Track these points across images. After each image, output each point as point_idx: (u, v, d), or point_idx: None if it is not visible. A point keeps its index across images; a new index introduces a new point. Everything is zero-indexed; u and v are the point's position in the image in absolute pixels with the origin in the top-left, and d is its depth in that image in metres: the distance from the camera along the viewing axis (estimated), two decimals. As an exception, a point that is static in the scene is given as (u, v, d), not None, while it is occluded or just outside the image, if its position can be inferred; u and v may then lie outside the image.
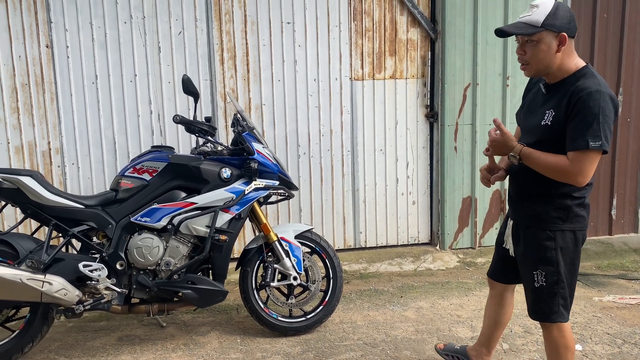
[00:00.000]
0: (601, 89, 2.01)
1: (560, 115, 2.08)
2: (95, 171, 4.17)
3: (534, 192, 2.21)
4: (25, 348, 2.92)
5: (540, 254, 2.20)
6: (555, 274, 2.18)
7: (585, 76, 2.07)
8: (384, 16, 4.46)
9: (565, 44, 2.07)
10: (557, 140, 2.09)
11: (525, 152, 2.12)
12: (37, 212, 2.92)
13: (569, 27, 2.07)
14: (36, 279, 2.75)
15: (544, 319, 2.25)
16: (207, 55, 4.23)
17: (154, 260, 2.95)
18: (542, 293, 2.22)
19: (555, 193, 2.16)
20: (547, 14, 2.04)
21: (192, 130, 3.13)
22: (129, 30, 4.10)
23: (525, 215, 2.26)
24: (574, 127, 2.02)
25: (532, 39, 2.08)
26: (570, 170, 2.04)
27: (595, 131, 1.98)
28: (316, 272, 3.29)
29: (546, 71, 2.13)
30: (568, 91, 2.07)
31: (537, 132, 2.16)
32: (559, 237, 2.17)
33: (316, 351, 3.07)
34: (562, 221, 2.17)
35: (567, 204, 2.15)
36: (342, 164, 4.57)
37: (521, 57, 2.16)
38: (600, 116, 1.98)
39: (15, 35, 3.95)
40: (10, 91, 4.00)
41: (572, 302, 2.25)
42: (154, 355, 3.05)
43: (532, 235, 2.22)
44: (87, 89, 4.09)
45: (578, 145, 2.01)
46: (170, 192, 3.02)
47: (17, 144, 4.06)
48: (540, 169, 2.11)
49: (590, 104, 1.98)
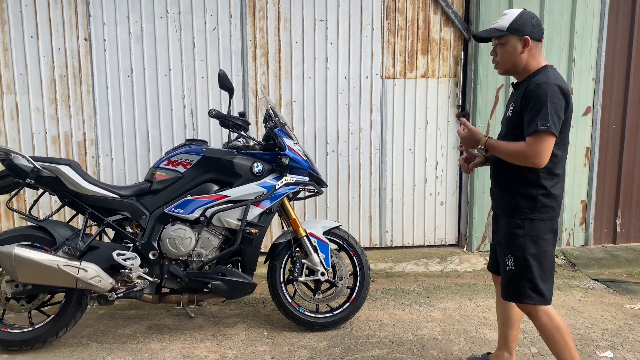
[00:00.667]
0: (549, 80, 2.26)
1: (517, 107, 2.36)
2: (128, 163, 4.26)
3: (504, 183, 2.46)
4: (60, 332, 3.00)
5: (509, 241, 2.42)
6: (522, 259, 2.39)
7: (540, 72, 2.34)
8: (417, 15, 4.45)
9: (529, 45, 2.35)
10: (517, 129, 2.36)
11: (490, 143, 2.40)
12: (74, 201, 3.00)
13: (532, 31, 2.35)
14: (72, 266, 2.82)
15: (513, 299, 2.45)
16: (240, 52, 4.28)
17: (186, 251, 3.00)
18: (512, 276, 2.43)
19: (522, 182, 2.38)
20: (512, 20, 2.35)
21: (226, 125, 3.17)
22: (164, 25, 4.17)
23: (500, 206, 2.51)
24: (527, 115, 2.29)
25: (500, 41, 2.40)
26: (527, 152, 2.27)
27: (544, 115, 2.23)
28: (343, 269, 3.30)
29: (514, 70, 2.42)
30: (524, 87, 2.35)
31: (504, 125, 2.50)
32: (528, 226, 2.38)
33: (342, 347, 3.08)
34: (530, 211, 2.38)
35: (533, 194, 2.36)
36: (370, 162, 4.57)
37: (493, 58, 2.47)
38: (548, 103, 2.23)
39: (56, 28, 4.05)
40: (49, 82, 4.11)
41: (548, 286, 2.41)
42: (182, 345, 3.10)
43: (505, 224, 2.46)
44: (122, 82, 4.18)
45: (530, 129, 2.26)
46: (203, 184, 3.07)
47: (54, 134, 4.16)
48: (504, 156, 2.37)
49: (539, 94, 2.24)
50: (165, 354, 2.99)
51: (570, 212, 4.78)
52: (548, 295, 2.41)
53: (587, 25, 4.55)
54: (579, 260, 4.55)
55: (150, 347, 3.08)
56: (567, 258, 4.60)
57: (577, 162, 4.71)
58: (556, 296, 3.85)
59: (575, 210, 4.79)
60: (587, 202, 4.79)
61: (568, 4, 4.49)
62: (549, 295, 2.41)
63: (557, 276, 4.27)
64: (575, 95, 4.60)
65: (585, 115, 4.66)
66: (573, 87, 4.58)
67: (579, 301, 3.77)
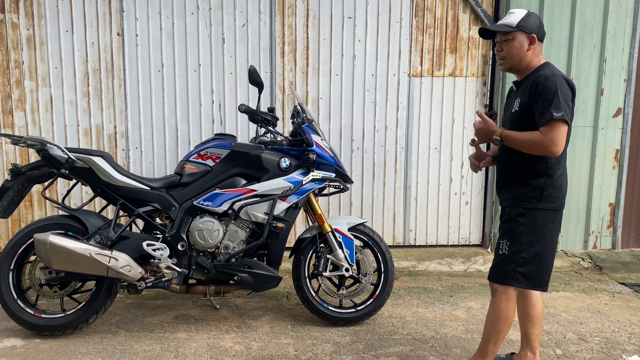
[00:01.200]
0: (555, 72, 2.37)
1: (525, 101, 2.42)
2: (157, 156, 4.34)
3: (514, 176, 2.51)
4: (90, 319, 3.08)
5: (508, 226, 2.50)
6: (517, 244, 2.46)
7: (543, 67, 2.44)
8: (446, 13, 4.43)
9: (535, 44, 2.44)
10: (526, 121, 2.41)
11: (505, 134, 2.44)
12: (105, 192, 3.08)
13: (539, 30, 2.46)
14: (103, 254, 2.90)
15: (498, 280, 2.52)
16: (269, 48, 4.32)
17: (213, 242, 3.06)
18: (504, 259, 2.51)
19: (529, 173, 2.45)
20: (520, 18, 2.44)
21: (254, 120, 3.21)
22: (195, 21, 4.23)
23: (507, 198, 2.55)
24: (539, 106, 2.35)
25: (508, 37, 2.46)
26: (543, 141, 2.32)
27: (556, 104, 2.30)
28: (368, 265, 3.32)
29: (518, 66, 2.50)
30: (530, 82, 2.43)
31: (510, 120, 2.51)
32: (530, 215, 2.45)
33: (365, 342, 3.10)
34: (536, 200, 2.45)
35: (541, 184, 2.44)
36: (395, 160, 4.58)
37: (499, 53, 2.52)
38: (559, 92, 2.31)
39: (90, 23, 4.15)
40: (83, 76, 4.21)
41: (545, 275, 2.51)
42: (208, 335, 3.15)
43: (509, 212, 2.52)
44: (153, 76, 4.26)
45: (545, 118, 2.32)
46: (232, 178, 3.12)
47: (86, 127, 4.26)
48: (519, 146, 2.41)
49: (549, 85, 2.33)
50: (192, 344, 3.05)
51: (598, 214, 4.71)
52: (538, 281, 2.50)
53: (619, 26, 4.47)
54: (605, 264, 4.49)
55: (177, 336, 3.14)
56: (594, 261, 4.54)
57: (606, 164, 4.64)
58: (582, 299, 3.81)
59: (603, 213, 4.72)
60: (616, 205, 4.72)
61: (600, 4, 4.43)
62: (538, 282, 2.50)
63: (583, 279, 4.22)
64: (605, 96, 4.54)
65: (616, 116, 4.59)
66: (604, 88, 4.52)
67: (605, 305, 3.72)
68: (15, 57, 4.13)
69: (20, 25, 4.10)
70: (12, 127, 4.19)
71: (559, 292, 3.93)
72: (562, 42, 4.43)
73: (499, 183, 2.63)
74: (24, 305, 3.04)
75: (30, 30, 4.11)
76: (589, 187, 4.67)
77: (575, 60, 4.45)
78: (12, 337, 3.08)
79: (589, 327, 3.37)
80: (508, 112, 2.57)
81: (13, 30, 4.10)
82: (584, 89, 4.51)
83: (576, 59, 4.46)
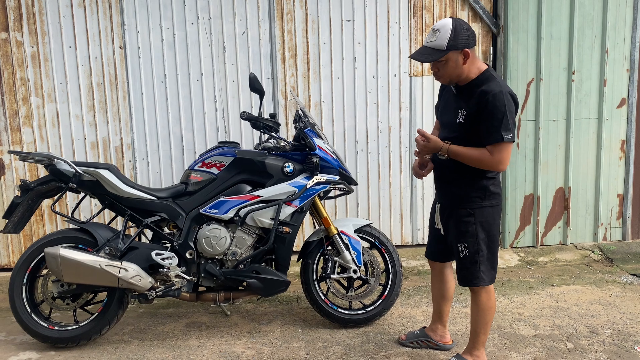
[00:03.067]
0: (503, 89, 2.40)
1: (470, 114, 2.46)
2: (163, 166, 4.39)
3: (453, 176, 2.59)
4: (103, 330, 3.12)
5: (462, 229, 2.60)
6: (475, 244, 2.58)
7: (488, 79, 2.45)
8: (445, 12, 4.44)
9: (470, 55, 2.44)
10: (471, 134, 2.48)
11: (452, 150, 2.50)
12: (113, 203, 3.12)
13: (469, 41, 2.43)
14: (113, 265, 2.94)
15: (468, 284, 2.64)
16: (269, 54, 4.35)
17: (221, 250, 3.09)
18: (466, 262, 2.62)
19: (472, 175, 2.53)
20: (448, 37, 2.40)
21: (257, 127, 3.24)
22: (195, 31, 4.28)
23: (449, 197, 2.66)
24: (488, 124, 2.40)
25: (441, 60, 2.44)
26: (492, 160, 2.43)
27: (506, 125, 2.38)
28: (375, 266, 3.33)
29: (458, 79, 2.51)
30: (475, 93, 2.44)
31: (454, 129, 2.54)
32: (478, 213, 2.56)
33: (376, 343, 3.12)
34: (481, 199, 2.56)
35: (484, 184, 2.54)
36: (400, 160, 4.59)
37: (435, 73, 2.53)
38: (507, 113, 2.37)
39: (92, 37, 4.21)
40: (87, 90, 4.27)
41: (495, 268, 2.65)
42: (219, 342, 3.18)
43: (456, 214, 2.62)
44: (156, 87, 4.31)
45: (494, 139, 2.40)
46: (237, 185, 3.15)
47: (92, 140, 4.32)
48: (465, 161, 2.49)
49: (497, 104, 2.37)
50: (204, 351, 3.08)
51: (607, 206, 4.69)
52: (494, 275, 2.65)
53: (620, 15, 4.46)
54: (616, 255, 4.47)
55: (189, 344, 3.17)
56: (604, 253, 4.52)
57: (612, 155, 4.62)
58: (592, 291, 3.80)
59: (612, 204, 4.70)
60: (624, 196, 4.70)
61: (599, -5, 4.42)
62: (494, 275, 2.66)
63: (593, 271, 4.20)
64: (609, 86, 4.52)
65: (620, 107, 4.57)
66: (607, 79, 4.50)
67: (616, 296, 3.71)
68: (21, 75, 4.19)
69: (25, 43, 4.16)
70: (21, 143, 4.25)
71: (570, 286, 3.92)
72: (562, 34, 4.43)
73: (439, 183, 2.73)
74: (38, 318, 3.10)
75: (34, 48, 4.18)
76: (596, 179, 4.64)
77: (576, 53, 4.44)
78: (28, 350, 3.13)
79: (601, 319, 3.35)
80: (450, 118, 2.57)
81: (17, 48, 4.16)
82: (586, 81, 4.50)
83: (577, 51, 4.45)
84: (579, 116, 4.55)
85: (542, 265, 4.38)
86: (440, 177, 2.73)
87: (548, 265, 4.36)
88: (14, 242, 4.36)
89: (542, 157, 4.55)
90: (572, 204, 4.65)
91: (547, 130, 4.53)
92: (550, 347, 3.02)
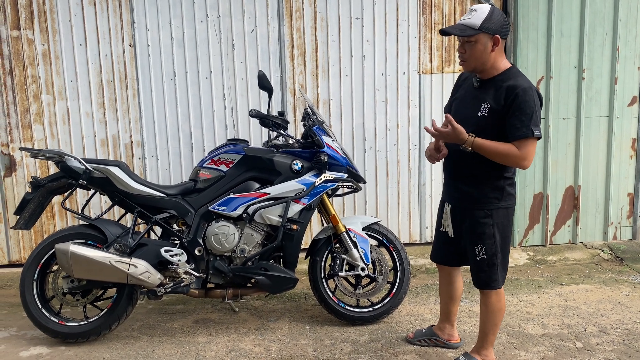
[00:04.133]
0: (532, 86, 2.38)
1: (496, 108, 2.40)
2: (172, 163, 4.41)
3: (469, 175, 2.53)
4: (113, 325, 3.15)
5: (479, 231, 2.54)
6: (494, 246, 2.54)
7: (515, 75, 2.42)
8: (454, 9, 4.42)
9: (499, 44, 2.39)
10: (494, 128, 2.42)
11: (477, 143, 2.40)
12: (123, 200, 3.14)
13: (502, 30, 2.39)
14: (123, 262, 2.96)
15: (486, 287, 2.60)
16: (278, 52, 4.36)
17: (229, 247, 3.10)
18: (483, 264, 2.57)
19: (489, 175, 2.49)
20: (483, 19, 2.36)
21: (266, 124, 3.25)
22: (205, 28, 4.29)
23: (463, 198, 2.59)
24: (516, 119, 2.35)
25: (471, 39, 2.40)
26: (519, 156, 2.37)
27: (535, 121, 2.35)
28: (383, 264, 3.33)
29: (482, 68, 2.45)
30: (501, 87, 2.39)
31: (474, 122, 2.46)
32: (495, 215, 2.52)
33: (384, 341, 3.12)
34: (498, 200, 2.52)
35: (501, 185, 2.50)
36: (408, 158, 4.58)
37: (461, 54, 2.47)
38: (536, 109, 2.35)
39: (102, 35, 4.24)
40: (97, 88, 4.30)
41: (506, 270, 2.63)
42: (228, 338, 3.20)
43: (471, 215, 2.56)
44: (166, 85, 4.33)
45: (523, 134, 2.35)
46: (245, 182, 3.17)
47: (102, 137, 4.35)
48: (490, 156, 2.41)
49: (527, 99, 2.34)
50: (212, 347, 3.10)
51: (617, 205, 4.66)
52: (505, 277, 2.63)
53: (631, 12, 4.42)
54: (626, 255, 4.43)
55: (197, 340, 3.19)
56: (614, 252, 4.49)
57: (623, 153, 4.59)
58: (602, 291, 3.77)
59: (622, 203, 4.66)
60: (635, 195, 4.66)
61: (611, -8, 4.38)
62: (505, 277, 2.63)
63: (603, 270, 4.18)
64: (620, 85, 4.48)
65: (631, 105, 4.53)
66: (617, 77, 4.46)
67: (626, 296, 3.68)
68: (32, 72, 4.23)
69: (36, 40, 4.20)
70: (32, 140, 4.29)
71: (579, 285, 3.90)
72: (572, 32, 4.39)
73: (451, 180, 2.66)
74: (49, 313, 3.12)
75: (45, 46, 4.21)
76: (606, 177, 4.61)
77: (587, 50, 4.41)
78: (38, 345, 3.16)
79: (610, 319, 3.33)
80: (469, 112, 2.50)
81: (29, 46, 4.20)
82: (597, 78, 4.46)
83: (588, 48, 4.42)
84: (589, 114, 4.51)
85: (551, 264, 4.36)
86: (453, 175, 2.65)
87: (557, 264, 4.34)
88: (25, 238, 4.40)
89: (551, 156, 4.53)
90: (581, 202, 4.62)
91: (557, 128, 4.50)
92: (559, 347, 3.01)
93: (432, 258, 2.96)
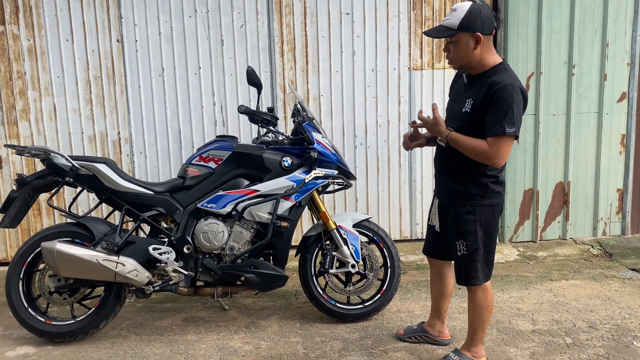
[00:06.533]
0: (514, 82, 2.34)
1: (477, 104, 2.41)
2: (161, 160, 4.36)
3: (454, 171, 2.55)
4: (100, 324, 3.11)
5: (461, 227, 2.55)
6: (474, 242, 2.54)
7: (500, 71, 2.39)
8: (444, 5, 4.41)
9: (481, 42, 2.37)
10: (475, 125, 2.42)
11: (452, 137, 2.44)
12: (110, 198, 3.10)
13: (483, 27, 2.36)
14: (110, 260, 2.92)
15: (466, 282, 2.61)
16: (268, 48, 4.32)
17: (219, 244, 3.07)
18: (464, 260, 2.58)
19: (473, 171, 2.49)
20: (462, 18, 2.35)
21: (255, 120, 3.22)
22: (193, 24, 4.24)
23: (448, 194, 2.61)
24: (492, 115, 2.34)
25: (452, 40, 2.41)
26: (489, 153, 2.36)
27: (510, 119, 2.31)
28: (374, 261, 3.32)
29: (468, 66, 2.46)
30: (485, 84, 2.38)
31: (458, 118, 2.50)
32: (478, 212, 2.52)
33: (374, 338, 3.11)
34: (481, 197, 2.51)
35: (484, 182, 2.49)
36: (398, 154, 4.57)
37: (447, 55, 2.49)
38: (514, 106, 2.31)
39: (89, 30, 4.18)
40: (85, 84, 4.24)
41: (491, 267, 2.62)
42: (217, 336, 3.18)
43: (455, 211, 2.58)
44: (154, 81, 4.28)
45: (496, 131, 2.33)
46: (234, 179, 3.13)
47: (90, 134, 4.30)
48: (463, 150, 2.44)
49: (505, 96, 2.31)
50: (201, 345, 3.07)
51: (606, 201, 4.68)
52: (489, 273, 2.62)
53: (620, 9, 4.43)
54: (615, 250, 4.46)
55: (187, 338, 3.16)
56: (604, 248, 4.51)
57: (612, 149, 4.60)
58: (592, 286, 3.79)
59: (612, 199, 4.68)
60: (624, 191, 4.68)
61: (600, -12, 4.39)
62: (489, 273, 2.62)
63: (592, 266, 4.19)
64: (609, 81, 4.49)
65: (621, 101, 4.55)
66: (607, 73, 4.47)
67: (615, 291, 3.70)
68: (18, 68, 4.16)
69: (21, 36, 4.13)
70: (18, 137, 4.23)
71: (569, 281, 3.91)
72: (562, 28, 4.40)
73: (439, 175, 2.69)
74: (35, 313, 3.08)
75: (30, 41, 4.14)
76: (595, 173, 4.63)
77: (576, 46, 4.42)
78: (25, 344, 3.12)
79: (599, 314, 3.35)
80: (457, 107, 2.53)
81: (14, 41, 4.13)
82: (586, 74, 4.47)
83: (577, 44, 4.42)
84: (579, 110, 4.52)
85: (541, 260, 4.37)
86: (440, 170, 2.68)
87: (547, 260, 4.35)
88: (11, 236, 4.34)
89: (541, 152, 4.53)
90: (571, 198, 4.64)
91: (547, 124, 4.51)
92: (548, 342, 3.01)
93: (424, 251, 2.99)
